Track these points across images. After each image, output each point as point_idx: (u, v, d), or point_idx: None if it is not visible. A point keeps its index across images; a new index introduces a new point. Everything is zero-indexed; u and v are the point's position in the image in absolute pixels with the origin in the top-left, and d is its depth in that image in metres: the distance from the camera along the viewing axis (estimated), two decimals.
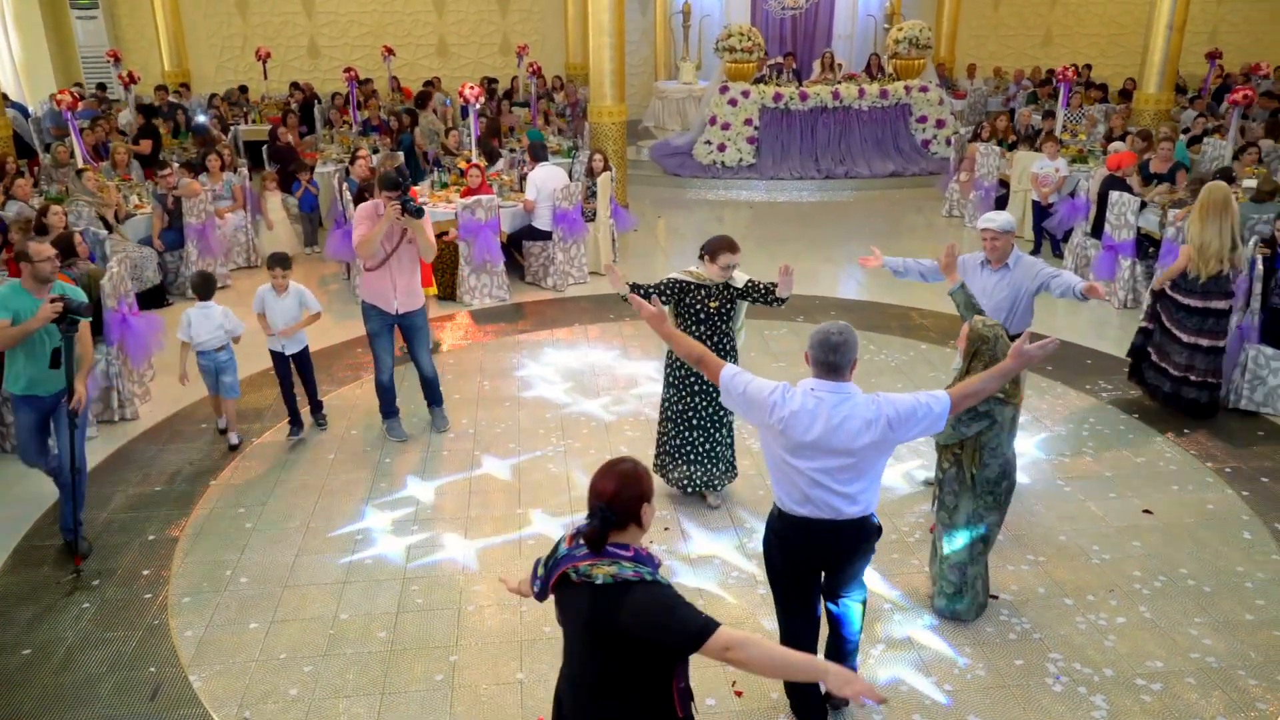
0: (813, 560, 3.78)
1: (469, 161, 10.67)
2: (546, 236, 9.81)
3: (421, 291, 6.60)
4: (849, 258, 11.18)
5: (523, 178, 10.55)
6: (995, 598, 4.98)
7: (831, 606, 4.01)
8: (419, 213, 6.12)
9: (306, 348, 6.68)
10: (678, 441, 5.74)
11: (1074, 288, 5.37)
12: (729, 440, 5.78)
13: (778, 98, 14.90)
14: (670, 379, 5.70)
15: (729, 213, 13.89)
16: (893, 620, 4.82)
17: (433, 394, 6.85)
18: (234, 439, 6.62)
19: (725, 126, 14.86)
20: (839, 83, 15.49)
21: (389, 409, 6.75)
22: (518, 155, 12.08)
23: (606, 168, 10.54)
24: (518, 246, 10.06)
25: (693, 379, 5.60)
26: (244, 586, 5.14)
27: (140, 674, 4.52)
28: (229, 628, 4.81)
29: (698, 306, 5.44)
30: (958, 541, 4.66)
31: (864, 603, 4.07)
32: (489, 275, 9.54)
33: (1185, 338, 6.91)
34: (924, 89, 15.42)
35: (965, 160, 12.78)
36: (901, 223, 13.10)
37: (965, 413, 4.35)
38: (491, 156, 11.24)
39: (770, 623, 4.43)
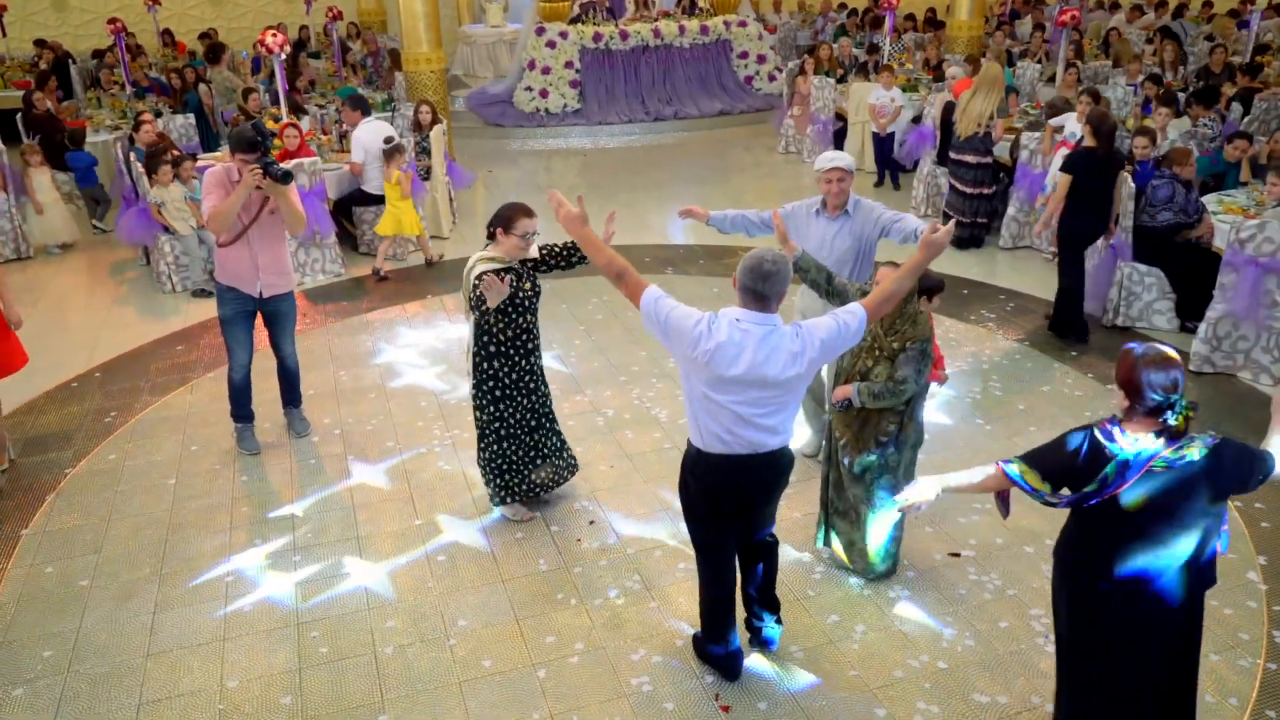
0: (735, 499, 3.59)
1: (278, 120, 9.41)
2: (380, 200, 8.77)
3: (291, 272, 5.59)
4: (692, 201, 10.73)
5: (343, 136, 9.41)
6: (958, 555, 4.71)
7: (746, 548, 3.86)
8: (286, 177, 5.13)
9: None
10: (532, 453, 4.91)
11: (916, 230, 4.77)
12: (481, 453, 4.93)
13: (598, 38, 14.20)
14: (493, 391, 4.70)
15: (558, 162, 13.16)
16: (864, 597, 4.43)
17: (292, 392, 5.94)
18: None
19: (546, 71, 14.03)
20: (656, 19, 14.94)
21: (241, 412, 5.72)
22: (326, 113, 10.84)
23: (435, 120, 9.55)
24: (346, 214, 8.97)
25: (524, 384, 4.74)
26: (93, 665, 4.11)
27: None
28: None
29: (520, 297, 4.51)
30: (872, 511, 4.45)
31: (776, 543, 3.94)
32: (319, 249, 8.44)
33: (967, 190, 8.79)
34: (743, 24, 15.15)
35: (796, 95, 12.58)
36: (738, 161, 12.80)
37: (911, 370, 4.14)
38: (298, 114, 9.97)
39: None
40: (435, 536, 4.92)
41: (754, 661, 4.04)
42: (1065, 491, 2.99)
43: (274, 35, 8.55)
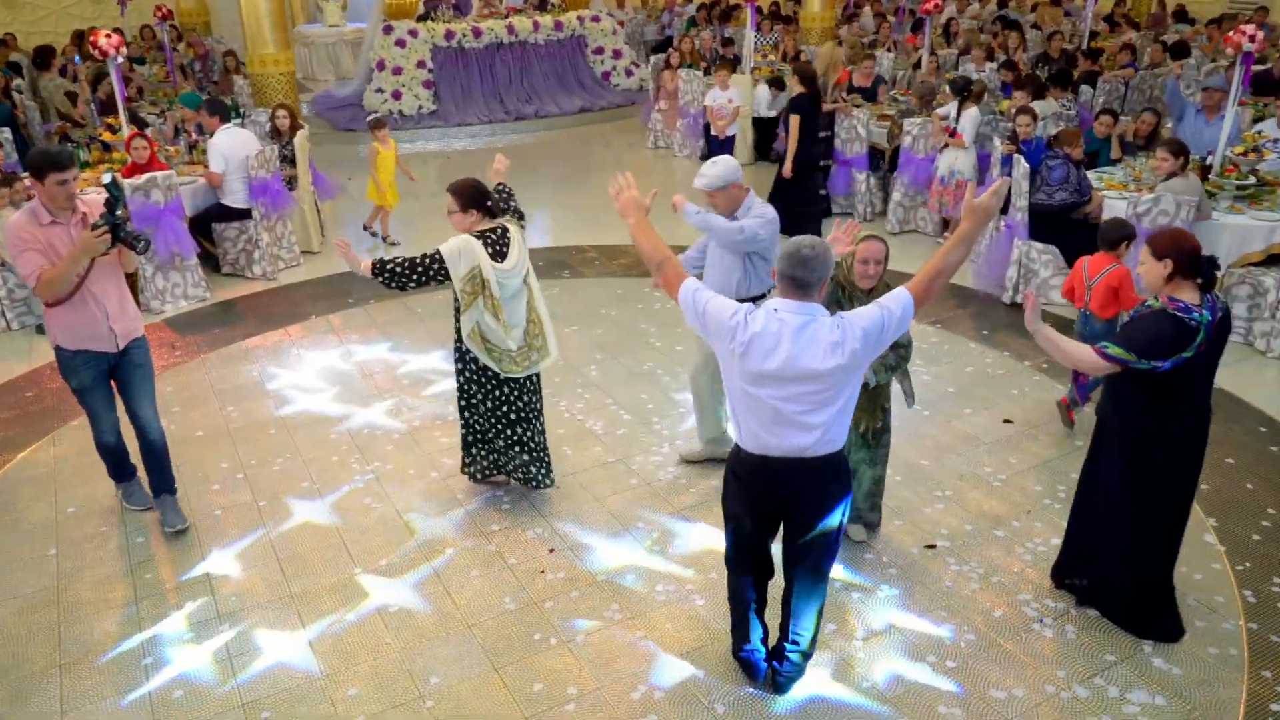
0: (771, 504, 3.37)
1: (115, 132, 8.49)
2: (245, 215, 8.01)
3: (139, 315, 4.65)
4: (578, 201, 10.44)
5: (192, 146, 8.57)
6: (933, 546, 4.61)
7: (789, 572, 3.54)
8: (140, 245, 4.27)
9: None
10: (506, 437, 4.88)
11: (690, 207, 4.76)
12: (467, 429, 4.92)
13: (450, 36, 13.62)
14: (465, 369, 4.76)
15: (417, 166, 12.32)
16: (855, 601, 4.27)
17: (163, 473, 4.84)
18: None
19: (397, 71, 13.35)
20: (507, 16, 14.49)
21: (121, 471, 4.99)
22: (164, 123, 9.88)
23: (296, 125, 8.83)
24: (205, 232, 8.14)
25: (492, 370, 4.68)
26: None
27: None
28: None
29: None
30: (879, 470, 4.58)
31: (820, 608, 3.59)
32: (180, 272, 7.62)
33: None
34: (596, 19, 14.91)
35: (662, 90, 12.43)
36: (607, 159, 12.53)
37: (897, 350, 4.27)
38: (140, 125, 9.01)
39: (719, 639, 3.71)
40: (381, 586, 4.42)
41: (765, 686, 3.79)
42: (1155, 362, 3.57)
43: (108, 36, 7.64)
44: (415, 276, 4.38)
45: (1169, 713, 3.65)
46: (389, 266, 4.37)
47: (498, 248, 4.54)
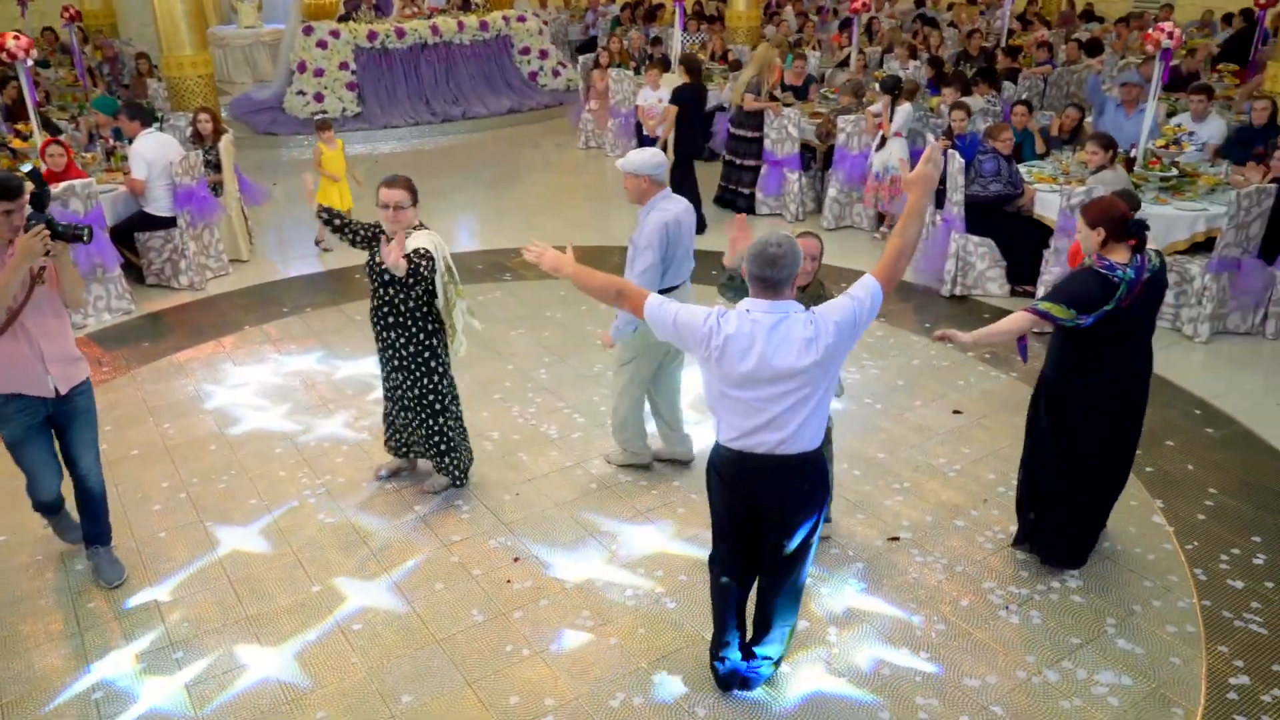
0: (751, 500, 3.36)
1: (24, 139, 8.09)
2: (169, 224, 7.70)
3: (82, 356, 4.25)
4: (511, 203, 10.32)
5: (110, 153, 8.21)
6: (897, 539, 4.66)
7: (764, 578, 3.55)
8: (78, 236, 3.90)
9: None
10: (400, 422, 4.95)
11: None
12: (445, 429, 4.88)
13: (372, 36, 13.33)
14: (439, 365, 4.78)
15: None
16: (824, 595, 4.28)
17: (98, 522, 4.42)
18: None
19: (319, 73, 13.02)
20: (430, 16, 14.25)
21: (62, 526, 4.63)
22: (75, 130, 9.44)
23: (219, 129, 8.53)
24: (127, 242, 7.80)
25: (390, 350, 4.70)
26: None
27: None
28: None
29: (377, 261, 4.55)
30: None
31: (795, 614, 3.64)
32: (102, 284, 7.28)
33: (738, 160, 9.56)
34: (522, 18, 14.77)
35: (593, 90, 12.36)
36: (537, 159, 12.40)
37: None
38: (51, 130, 8.59)
39: (694, 641, 3.68)
40: (341, 603, 4.28)
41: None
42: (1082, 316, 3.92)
43: (16, 38, 7.25)
44: (426, 278, 4.44)
45: (1135, 691, 3.74)
46: (420, 270, 4.36)
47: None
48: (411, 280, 4.34)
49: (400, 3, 15.07)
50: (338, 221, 4.77)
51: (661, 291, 4.73)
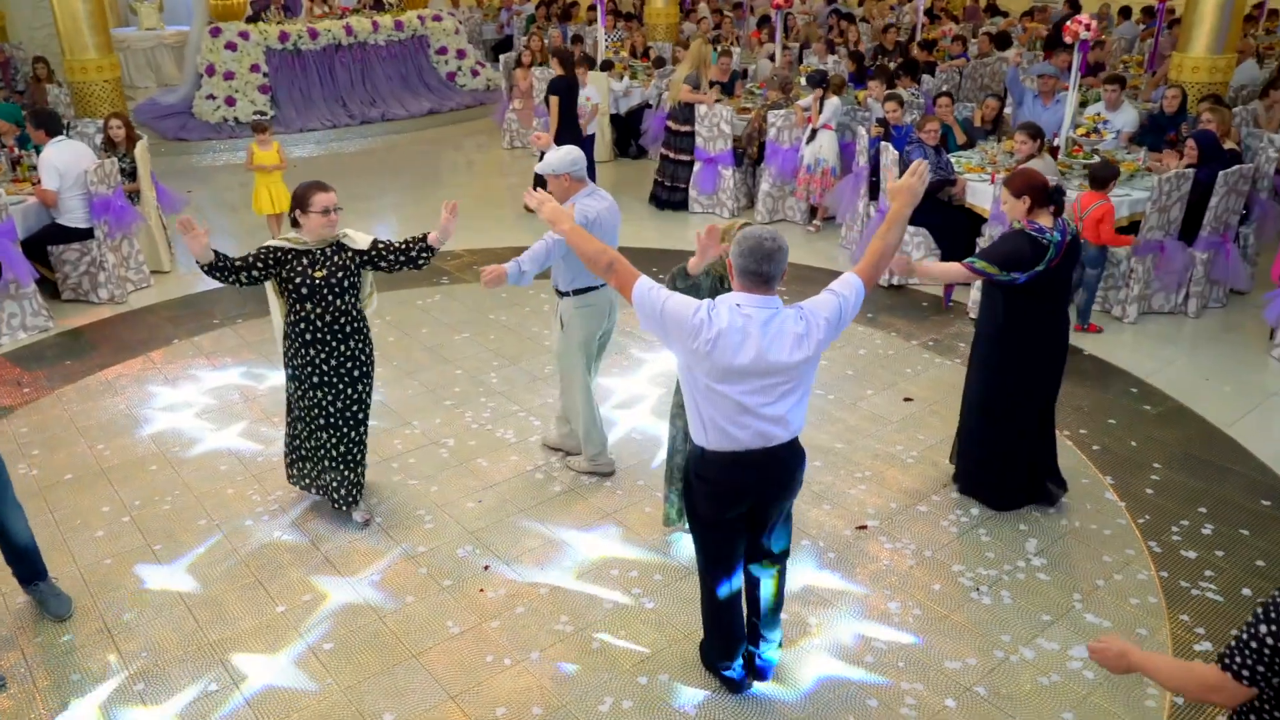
0: (744, 499, 3.35)
1: None
2: (86, 235, 7.33)
3: None
4: (436, 206, 10.10)
5: (15, 163, 7.78)
6: (864, 527, 4.72)
7: (754, 568, 3.57)
8: None
9: None
10: (311, 444, 4.65)
11: (509, 260, 4.62)
12: (364, 440, 4.71)
13: (284, 37, 12.93)
14: (289, 369, 4.56)
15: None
16: (799, 589, 4.30)
17: (33, 565, 4.14)
18: None
19: (229, 76, 12.57)
20: (343, 16, 13.90)
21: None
22: None
23: (132, 135, 8.15)
24: (40, 256, 7.39)
25: (310, 368, 4.46)
26: None
27: None
28: None
29: (298, 280, 4.33)
30: None
31: (783, 567, 3.65)
32: (16, 301, 6.89)
33: (673, 155, 9.59)
34: (438, 18, 14.52)
35: (516, 89, 12.22)
36: (460, 160, 12.24)
37: None
38: None
39: (676, 640, 3.67)
40: (308, 621, 4.13)
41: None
42: (1016, 274, 4.32)
43: None
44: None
45: None
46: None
47: None
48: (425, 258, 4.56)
49: (309, 3, 14.70)
50: (235, 263, 4.28)
51: (579, 291, 4.76)
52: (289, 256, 4.34)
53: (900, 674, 3.81)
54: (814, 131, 8.71)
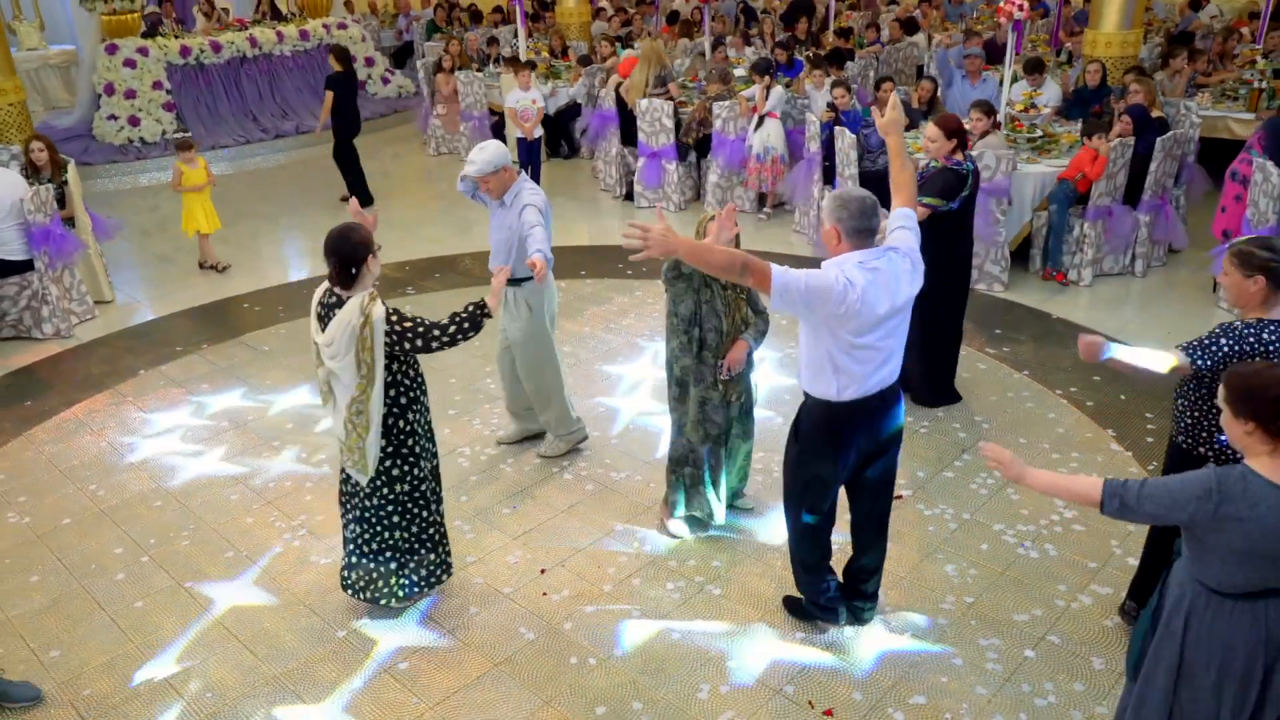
0: (862, 443, 3.56)
1: None
2: (25, 267, 6.88)
3: None
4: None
5: None
6: (900, 497, 4.83)
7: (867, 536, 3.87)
8: None
9: None
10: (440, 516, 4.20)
11: (530, 252, 4.54)
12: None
13: (185, 52, 12.39)
14: (412, 449, 3.97)
15: (168, 198, 11.16)
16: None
17: None
18: None
19: (130, 95, 11.97)
20: (243, 28, 13.40)
21: None
22: None
23: (58, 160, 7.68)
24: None
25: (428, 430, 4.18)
26: None
27: None
28: None
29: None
30: (750, 444, 4.67)
31: None
32: None
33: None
34: (343, 25, 14.16)
35: (439, 94, 12.02)
36: (384, 169, 11.92)
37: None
38: None
39: (751, 620, 3.70)
40: (375, 645, 3.99)
41: (817, 657, 3.83)
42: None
43: None
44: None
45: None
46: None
47: (327, 312, 3.83)
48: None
49: (202, 17, 14.10)
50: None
51: (518, 280, 4.79)
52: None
53: (975, 631, 3.95)
54: (761, 120, 8.86)
